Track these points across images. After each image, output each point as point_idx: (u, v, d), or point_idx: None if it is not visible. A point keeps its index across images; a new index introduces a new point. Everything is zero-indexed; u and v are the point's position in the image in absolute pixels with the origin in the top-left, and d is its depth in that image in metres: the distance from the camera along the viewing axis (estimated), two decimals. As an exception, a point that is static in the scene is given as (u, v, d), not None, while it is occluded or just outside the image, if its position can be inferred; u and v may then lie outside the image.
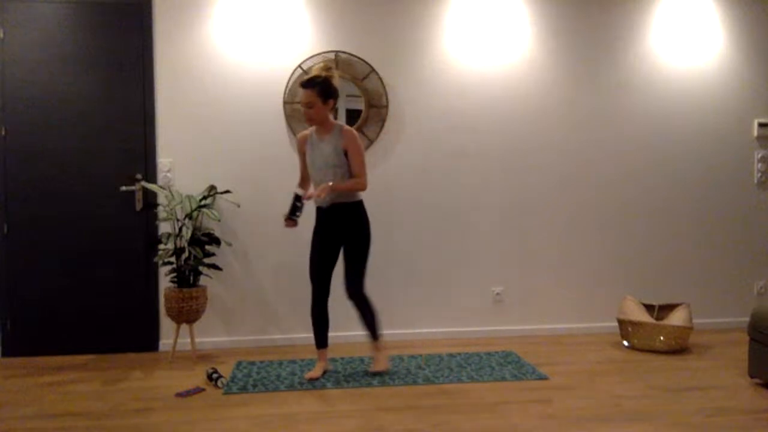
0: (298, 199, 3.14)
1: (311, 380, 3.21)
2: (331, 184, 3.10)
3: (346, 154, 3.15)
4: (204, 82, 3.88)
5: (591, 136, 4.27)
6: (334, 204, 3.21)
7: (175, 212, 3.65)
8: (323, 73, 3.12)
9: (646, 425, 2.61)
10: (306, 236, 3.98)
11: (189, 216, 3.58)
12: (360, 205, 3.25)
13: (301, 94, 3.11)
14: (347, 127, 3.21)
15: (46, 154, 3.75)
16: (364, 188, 3.20)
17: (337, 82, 3.17)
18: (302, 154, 3.30)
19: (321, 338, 3.32)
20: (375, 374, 3.31)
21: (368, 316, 3.29)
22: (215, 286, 3.94)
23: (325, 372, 3.33)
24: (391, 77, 4.03)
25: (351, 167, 3.18)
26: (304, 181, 3.39)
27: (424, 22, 4.07)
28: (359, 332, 4.03)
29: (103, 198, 3.80)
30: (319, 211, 3.29)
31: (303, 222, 3.99)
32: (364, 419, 2.70)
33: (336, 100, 3.18)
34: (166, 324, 3.89)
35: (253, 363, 3.55)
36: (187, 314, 3.56)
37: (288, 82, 3.92)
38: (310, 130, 3.27)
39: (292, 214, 3.14)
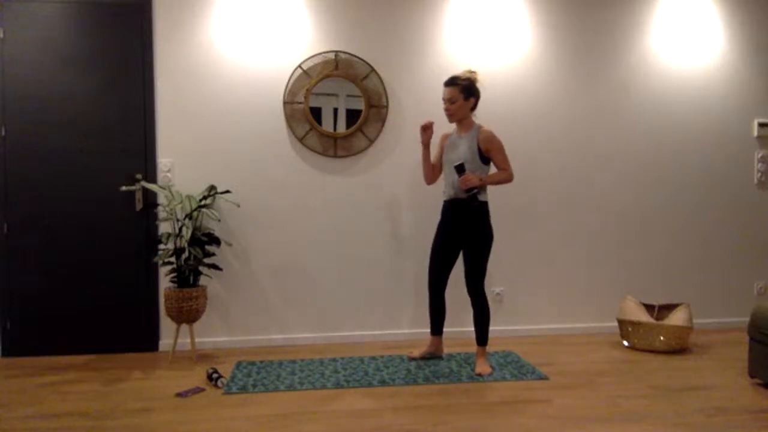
0: (461, 168, 3.25)
1: (412, 359, 3.57)
2: (480, 176, 3.30)
3: (480, 153, 3.32)
4: (204, 82, 3.88)
5: (591, 136, 4.27)
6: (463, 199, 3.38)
7: (175, 212, 3.66)
8: (467, 74, 3.38)
9: (646, 425, 2.61)
10: (304, 237, 4.00)
11: (189, 216, 3.58)
12: (485, 205, 3.37)
13: (444, 91, 3.38)
14: (485, 127, 3.38)
15: (46, 154, 3.75)
16: (511, 179, 3.38)
17: (480, 83, 3.40)
18: (440, 148, 3.54)
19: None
20: (478, 375, 3.30)
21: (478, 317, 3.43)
22: (215, 286, 3.94)
23: (424, 356, 3.60)
24: (391, 77, 4.03)
25: (497, 164, 3.37)
26: (428, 174, 3.59)
27: (424, 22, 4.07)
28: (358, 332, 4.04)
29: (103, 198, 3.80)
30: (452, 204, 3.43)
31: (304, 222, 4.00)
32: (364, 419, 2.70)
33: (478, 100, 3.40)
34: (166, 324, 3.89)
35: (253, 363, 3.55)
36: (187, 314, 3.56)
37: (288, 82, 3.91)
38: (453, 130, 3.49)
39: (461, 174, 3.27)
